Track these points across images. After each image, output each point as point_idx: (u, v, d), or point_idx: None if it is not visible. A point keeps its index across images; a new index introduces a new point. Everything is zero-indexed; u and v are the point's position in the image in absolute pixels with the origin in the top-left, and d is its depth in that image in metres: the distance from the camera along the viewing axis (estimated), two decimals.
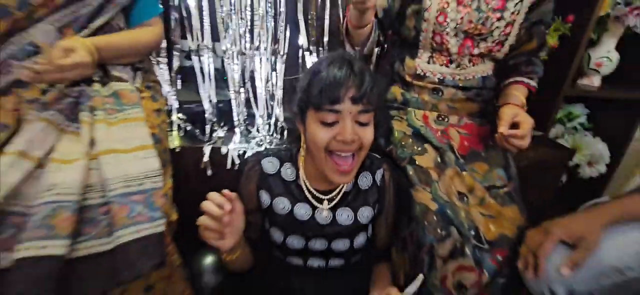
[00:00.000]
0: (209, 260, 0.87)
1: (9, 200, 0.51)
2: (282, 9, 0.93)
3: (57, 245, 0.48)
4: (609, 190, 1.35)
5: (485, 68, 0.81)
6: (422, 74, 0.81)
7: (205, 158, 0.86)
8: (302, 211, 0.66)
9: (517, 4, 0.74)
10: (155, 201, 0.58)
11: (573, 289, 0.64)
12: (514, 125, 0.72)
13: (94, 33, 0.66)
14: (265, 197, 0.67)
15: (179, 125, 0.92)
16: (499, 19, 0.74)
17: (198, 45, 0.92)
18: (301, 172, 0.67)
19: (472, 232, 0.69)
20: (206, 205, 0.52)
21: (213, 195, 0.52)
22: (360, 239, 0.70)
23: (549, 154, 1.13)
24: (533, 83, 0.80)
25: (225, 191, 0.54)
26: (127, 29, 0.72)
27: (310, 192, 0.67)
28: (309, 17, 1.00)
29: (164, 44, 0.91)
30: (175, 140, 0.88)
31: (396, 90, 0.85)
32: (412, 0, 0.76)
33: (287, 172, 0.68)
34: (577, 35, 1.08)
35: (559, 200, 1.35)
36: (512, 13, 0.74)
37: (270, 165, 0.67)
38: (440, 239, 0.68)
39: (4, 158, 0.52)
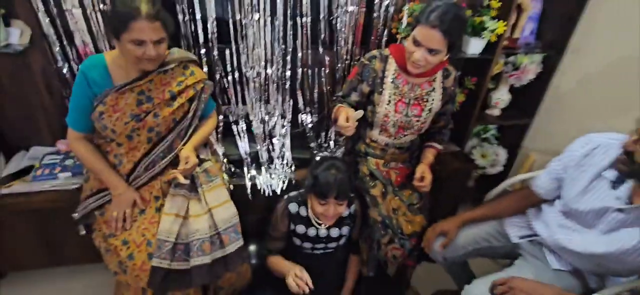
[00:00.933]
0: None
1: (176, 239, 1.08)
2: (287, 85, 1.48)
3: (206, 258, 1.07)
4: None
5: (411, 137, 1.38)
6: (376, 140, 1.39)
7: (248, 190, 1.44)
8: (311, 231, 1.26)
9: (428, 113, 1.30)
10: (237, 229, 1.16)
11: (445, 256, 1.29)
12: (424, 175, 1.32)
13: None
14: (292, 226, 1.26)
15: (230, 169, 1.49)
16: (417, 121, 1.30)
17: (237, 116, 1.48)
18: (310, 211, 1.26)
19: (399, 231, 1.31)
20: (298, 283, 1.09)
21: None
22: (342, 240, 1.32)
23: (462, 165, 1.75)
24: (439, 146, 1.40)
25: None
26: None
27: (314, 221, 1.26)
28: (305, 88, 1.55)
29: None
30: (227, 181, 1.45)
31: (361, 147, 1.43)
32: (372, 103, 1.31)
33: (301, 210, 1.26)
34: (480, 88, 1.66)
35: (475, 191, 2.00)
36: (425, 118, 1.31)
37: (293, 206, 1.26)
38: (382, 235, 1.31)
39: (169, 217, 1.09)
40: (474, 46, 1.52)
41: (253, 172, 1.51)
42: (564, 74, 1.70)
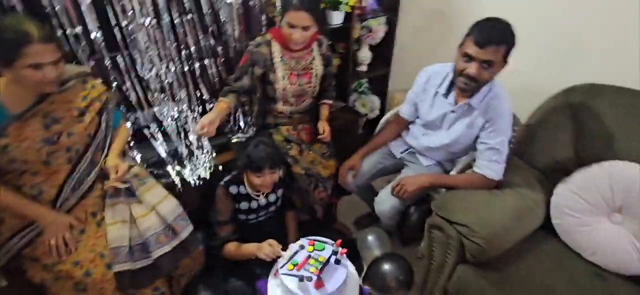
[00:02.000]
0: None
1: (130, 242, 1.12)
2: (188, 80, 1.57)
3: (166, 247, 1.15)
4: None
5: (309, 101, 1.67)
6: (281, 111, 1.62)
7: (179, 185, 1.51)
8: (253, 204, 1.44)
9: (315, 78, 1.59)
10: (184, 216, 1.26)
11: (357, 184, 1.66)
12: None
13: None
14: (236, 205, 1.41)
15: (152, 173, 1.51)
16: (309, 87, 1.58)
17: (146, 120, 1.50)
18: (248, 187, 1.43)
19: (320, 177, 1.61)
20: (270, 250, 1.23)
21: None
22: (279, 201, 1.54)
23: (350, 117, 2.16)
24: (330, 101, 1.72)
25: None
26: None
27: (253, 195, 1.44)
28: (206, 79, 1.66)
29: None
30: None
31: (270, 120, 1.65)
32: (269, 83, 1.54)
33: (241, 189, 1.43)
34: (348, 50, 2.05)
35: (364, 134, 2.46)
36: (314, 83, 1.59)
37: (233, 188, 1.41)
38: (308, 184, 1.59)
39: (115, 226, 1.12)
40: (336, 18, 1.89)
41: (177, 168, 1.57)
42: (402, 29, 2.24)
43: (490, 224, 1.21)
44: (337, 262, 1.17)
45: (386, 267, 1.54)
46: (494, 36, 1.18)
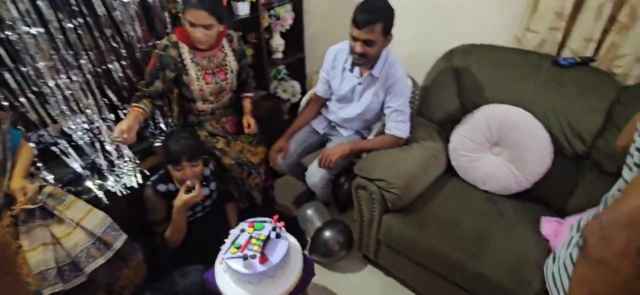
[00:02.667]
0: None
1: (56, 262, 1.06)
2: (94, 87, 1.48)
3: (100, 260, 1.11)
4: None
5: (228, 95, 1.68)
6: (202, 110, 1.62)
7: (104, 199, 1.43)
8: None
9: (231, 74, 1.60)
10: (115, 226, 1.22)
11: (287, 164, 1.76)
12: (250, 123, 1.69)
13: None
14: (169, 202, 1.39)
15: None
16: (226, 83, 1.60)
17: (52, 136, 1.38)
18: (177, 183, 1.42)
19: (251, 164, 1.66)
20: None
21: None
22: (214, 195, 1.56)
23: (273, 103, 2.22)
24: (251, 94, 1.77)
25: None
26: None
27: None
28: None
29: None
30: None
31: (192, 119, 1.64)
32: (184, 85, 1.52)
33: (170, 187, 1.41)
34: (260, 40, 2.10)
35: (292, 118, 2.55)
36: (231, 78, 1.61)
37: (161, 187, 1.39)
38: (241, 173, 1.63)
39: (36, 251, 1.04)
40: (242, 9, 1.91)
41: (98, 181, 1.48)
42: (310, 13, 2.36)
43: (403, 175, 1.41)
44: (278, 236, 1.26)
45: (327, 234, 1.69)
46: (369, 17, 1.35)
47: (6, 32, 1.20)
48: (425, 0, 1.84)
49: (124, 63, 1.57)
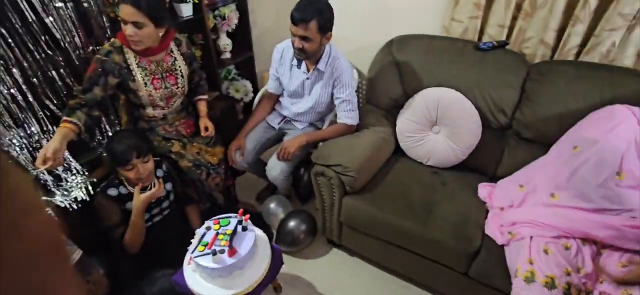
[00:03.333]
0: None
1: None
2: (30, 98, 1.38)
3: None
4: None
5: (180, 99, 1.64)
6: (153, 115, 1.59)
7: (53, 215, 1.34)
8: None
9: (182, 78, 1.58)
10: (69, 242, 1.17)
11: (246, 161, 1.79)
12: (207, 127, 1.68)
13: None
14: (123, 206, 1.35)
15: None
16: (177, 88, 1.57)
17: None
18: (128, 186, 1.39)
19: (209, 165, 1.66)
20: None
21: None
22: (171, 196, 1.54)
23: (226, 104, 2.22)
24: (205, 96, 1.76)
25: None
26: None
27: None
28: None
29: None
30: None
31: (143, 125, 1.60)
32: (130, 91, 1.48)
33: (121, 190, 1.37)
34: (207, 40, 2.09)
35: (246, 117, 2.56)
36: (182, 83, 1.58)
37: (112, 191, 1.34)
38: (199, 174, 1.63)
39: None
40: (185, 10, 1.89)
41: (44, 198, 1.39)
42: (256, 12, 2.39)
43: (357, 159, 1.52)
44: (244, 229, 1.30)
45: (291, 224, 1.75)
46: (303, 16, 1.44)
47: None
48: None
49: (63, 71, 1.48)
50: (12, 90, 1.32)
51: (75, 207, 1.42)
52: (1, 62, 1.28)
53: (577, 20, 1.46)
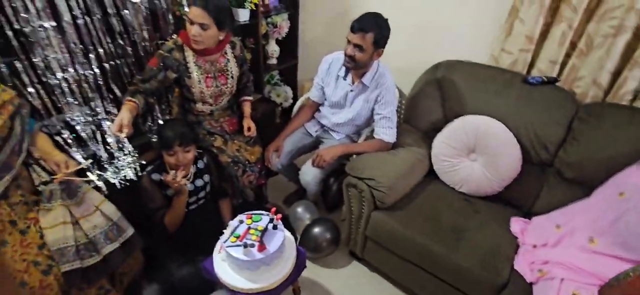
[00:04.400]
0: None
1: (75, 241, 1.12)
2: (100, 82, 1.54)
3: (116, 243, 1.18)
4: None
5: (227, 98, 1.76)
6: (201, 110, 1.70)
7: (104, 189, 1.48)
8: None
9: (232, 79, 1.69)
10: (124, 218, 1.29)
11: (281, 163, 1.86)
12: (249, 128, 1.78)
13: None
14: (165, 191, 1.46)
15: None
16: (226, 88, 1.68)
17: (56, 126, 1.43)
18: (170, 172, 1.49)
19: (247, 162, 1.75)
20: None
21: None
22: (207, 187, 1.63)
23: (267, 106, 2.33)
24: (250, 98, 1.85)
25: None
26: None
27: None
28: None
29: None
30: None
31: (191, 118, 1.72)
32: (185, 87, 1.60)
33: (164, 175, 1.48)
34: (257, 45, 2.21)
35: (282, 122, 2.65)
36: (231, 84, 1.70)
37: (156, 176, 1.46)
38: (236, 170, 1.71)
39: (55, 228, 1.10)
40: (243, 15, 2.02)
41: (98, 172, 1.53)
42: (305, 23, 2.49)
43: (391, 175, 1.54)
44: (275, 227, 1.35)
45: (316, 230, 1.79)
46: (363, 25, 1.51)
47: (21, 25, 1.26)
48: (415, 18, 2.01)
49: (129, 61, 1.63)
50: (86, 72, 1.48)
51: (122, 184, 1.55)
52: (81, 46, 1.44)
53: (636, 64, 1.41)
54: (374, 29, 1.51)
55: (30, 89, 1.35)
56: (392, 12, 1.62)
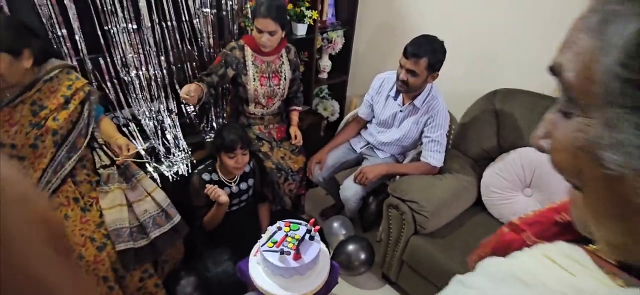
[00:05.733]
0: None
1: (129, 222, 1.22)
2: (167, 81, 1.68)
3: (164, 228, 1.26)
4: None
5: (278, 103, 1.85)
6: (253, 113, 1.79)
7: (158, 180, 1.59)
8: (226, 190, 1.58)
9: (285, 81, 1.78)
10: (173, 206, 1.38)
11: (323, 176, 1.87)
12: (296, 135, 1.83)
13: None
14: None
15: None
16: (279, 89, 1.77)
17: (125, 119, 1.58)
18: (220, 174, 1.57)
19: (289, 170, 1.79)
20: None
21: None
22: (250, 191, 1.69)
23: (314, 118, 2.37)
24: (299, 108, 1.92)
25: None
26: None
27: (226, 181, 1.58)
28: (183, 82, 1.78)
29: None
30: None
31: (242, 121, 1.81)
32: (241, 85, 1.70)
33: (213, 176, 1.56)
34: (311, 59, 2.28)
35: (327, 136, 2.68)
36: (284, 85, 1.79)
37: (206, 175, 1.54)
38: (278, 177, 1.76)
39: (113, 210, 1.21)
40: (301, 29, 2.10)
41: (154, 164, 1.66)
42: (358, 41, 2.52)
43: (435, 200, 1.48)
44: (312, 238, 1.35)
45: (350, 247, 1.76)
46: (417, 51, 1.49)
47: (108, 26, 1.42)
48: (475, 44, 1.94)
49: (194, 64, 1.77)
50: (156, 72, 1.62)
51: (174, 178, 1.66)
52: (155, 48, 1.59)
53: None
54: (428, 54, 1.49)
55: (108, 83, 1.51)
56: (449, 34, 1.58)
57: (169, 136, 1.72)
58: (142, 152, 1.47)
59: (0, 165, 0.20)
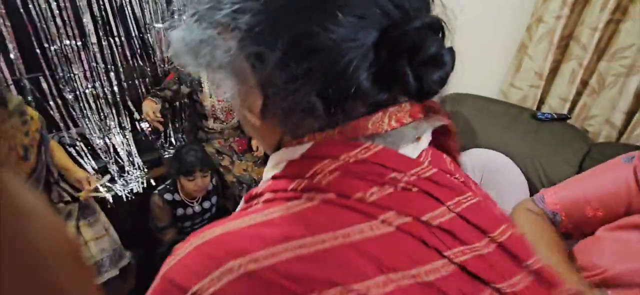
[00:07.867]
0: None
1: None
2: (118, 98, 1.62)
3: (115, 271, 1.20)
4: None
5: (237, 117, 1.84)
6: (212, 127, 1.77)
7: (110, 200, 1.52)
8: (188, 210, 1.54)
9: None
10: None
11: None
12: None
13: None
14: (175, 211, 1.50)
15: None
16: None
17: (72, 139, 1.50)
18: (181, 194, 1.53)
19: (253, 181, 1.77)
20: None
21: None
22: (213, 209, 1.66)
23: None
24: None
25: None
26: None
27: (187, 202, 1.54)
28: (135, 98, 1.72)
29: None
30: None
31: (201, 135, 1.77)
32: (197, 102, 1.67)
33: (175, 196, 1.51)
34: None
35: None
36: None
37: (168, 195, 1.49)
38: (240, 190, 1.74)
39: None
40: None
41: (108, 184, 1.58)
42: None
43: None
44: None
45: None
46: None
47: (47, 44, 1.36)
48: None
49: (148, 80, 1.72)
50: (105, 89, 1.56)
51: (129, 198, 1.60)
52: (103, 64, 1.53)
53: None
54: None
55: (51, 102, 1.43)
56: None
57: (122, 153, 1.66)
58: (101, 189, 1.36)
59: (31, 198, 0.22)
